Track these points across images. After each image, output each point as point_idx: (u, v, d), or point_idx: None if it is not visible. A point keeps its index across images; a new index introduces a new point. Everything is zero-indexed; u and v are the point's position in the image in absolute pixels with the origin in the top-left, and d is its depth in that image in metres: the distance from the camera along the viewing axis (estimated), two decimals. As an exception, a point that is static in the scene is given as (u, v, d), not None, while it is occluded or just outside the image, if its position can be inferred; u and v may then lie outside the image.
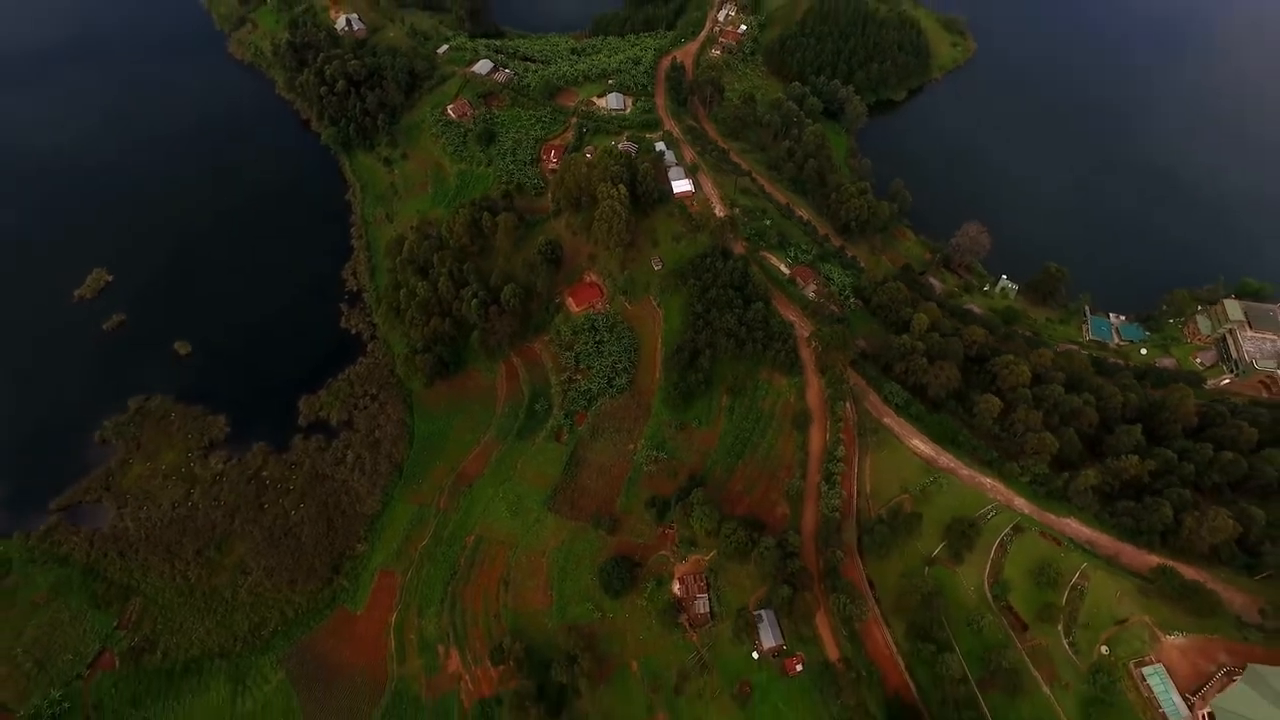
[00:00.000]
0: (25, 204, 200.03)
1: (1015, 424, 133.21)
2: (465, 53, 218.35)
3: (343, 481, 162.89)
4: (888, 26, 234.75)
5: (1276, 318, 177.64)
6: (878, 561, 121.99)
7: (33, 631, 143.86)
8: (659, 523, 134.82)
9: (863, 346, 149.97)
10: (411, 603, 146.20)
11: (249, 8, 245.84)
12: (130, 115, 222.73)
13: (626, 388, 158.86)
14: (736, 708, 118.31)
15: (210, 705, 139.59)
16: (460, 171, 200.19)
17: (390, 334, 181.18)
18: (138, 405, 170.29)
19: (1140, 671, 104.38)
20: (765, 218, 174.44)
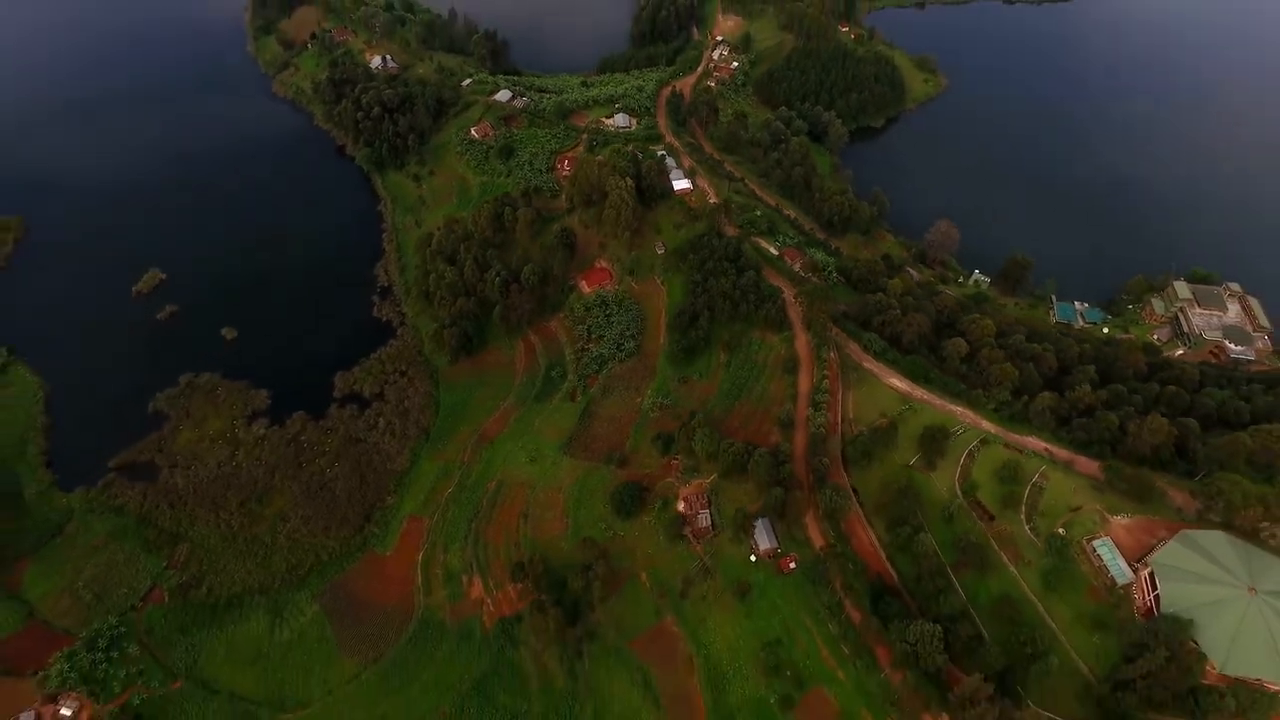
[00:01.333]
0: (94, 216, 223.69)
1: (980, 363, 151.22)
2: (487, 85, 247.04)
3: (374, 444, 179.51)
4: (865, 63, 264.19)
5: (1221, 297, 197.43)
6: (860, 472, 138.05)
7: (91, 570, 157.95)
8: (664, 455, 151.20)
9: (844, 308, 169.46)
10: (437, 541, 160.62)
11: (291, 54, 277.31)
12: (186, 142, 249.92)
13: (634, 352, 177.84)
14: (736, 605, 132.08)
15: (250, 634, 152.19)
16: (482, 182, 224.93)
17: (418, 320, 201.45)
18: (188, 380, 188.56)
19: (1091, 545, 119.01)
20: (756, 210, 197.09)
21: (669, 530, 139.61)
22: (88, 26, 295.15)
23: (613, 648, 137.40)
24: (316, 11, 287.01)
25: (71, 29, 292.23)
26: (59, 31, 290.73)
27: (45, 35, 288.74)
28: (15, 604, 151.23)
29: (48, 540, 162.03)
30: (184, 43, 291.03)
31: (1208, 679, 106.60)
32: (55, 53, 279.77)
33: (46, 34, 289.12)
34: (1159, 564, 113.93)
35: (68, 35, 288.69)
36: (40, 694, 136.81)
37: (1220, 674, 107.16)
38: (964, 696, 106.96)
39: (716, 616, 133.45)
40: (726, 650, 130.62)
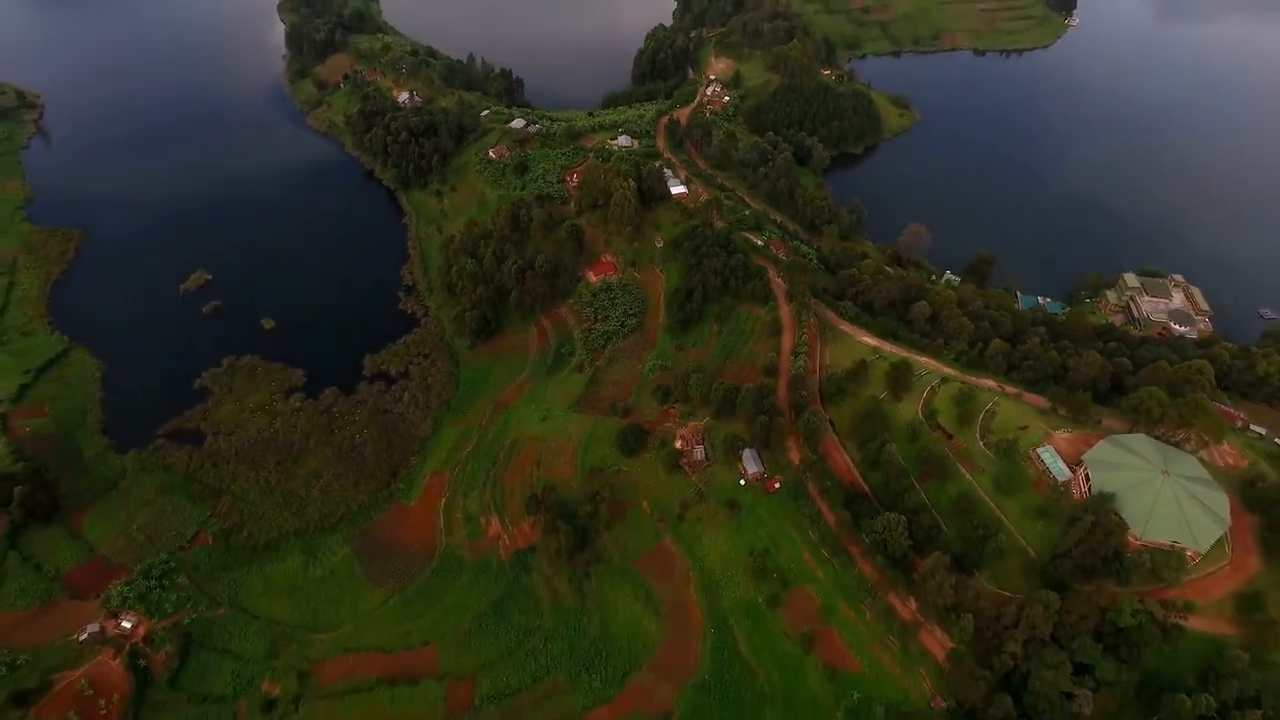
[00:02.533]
0: (147, 228, 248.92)
1: (942, 322, 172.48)
2: (503, 115, 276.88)
3: (400, 414, 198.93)
4: (845, 97, 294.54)
5: (1167, 286, 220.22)
6: (835, 407, 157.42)
7: (143, 517, 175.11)
8: (663, 404, 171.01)
9: (823, 286, 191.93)
10: (458, 490, 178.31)
11: (325, 93, 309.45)
12: (228, 167, 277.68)
13: (636, 329, 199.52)
14: (728, 522, 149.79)
15: (286, 572, 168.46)
16: (499, 195, 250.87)
17: (440, 312, 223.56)
18: (230, 362, 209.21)
19: (1036, 452, 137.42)
20: (744, 210, 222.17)
21: (667, 464, 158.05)
22: (146, 73, 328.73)
23: (617, 568, 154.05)
24: (348, 58, 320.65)
25: (132, 75, 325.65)
26: (122, 78, 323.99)
27: (110, 80, 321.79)
28: (78, 543, 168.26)
29: (104, 493, 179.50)
30: (228, 88, 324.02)
31: (1129, 546, 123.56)
32: (118, 95, 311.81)
33: (111, 80, 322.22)
34: (1091, 459, 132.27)
35: (129, 81, 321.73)
36: (103, 611, 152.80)
37: (1140, 541, 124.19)
38: (926, 573, 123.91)
39: (710, 534, 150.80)
40: (719, 562, 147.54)
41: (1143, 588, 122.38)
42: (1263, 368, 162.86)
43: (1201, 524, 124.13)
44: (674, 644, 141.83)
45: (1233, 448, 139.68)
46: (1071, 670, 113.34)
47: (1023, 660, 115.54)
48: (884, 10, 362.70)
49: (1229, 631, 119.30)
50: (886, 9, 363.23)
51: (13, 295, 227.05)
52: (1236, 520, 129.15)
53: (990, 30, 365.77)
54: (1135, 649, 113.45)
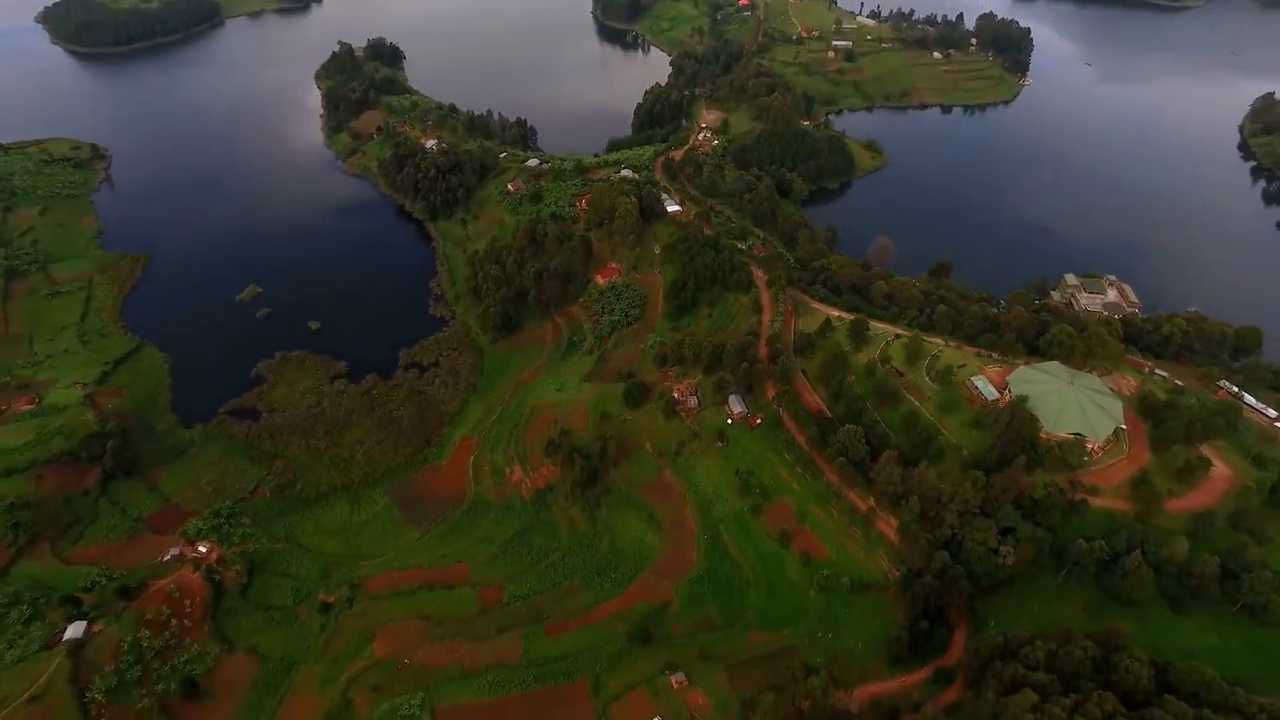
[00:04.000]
0: (206, 252, 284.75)
1: (896, 298, 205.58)
2: (520, 157, 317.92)
3: (432, 394, 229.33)
4: (821, 140, 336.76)
5: (1102, 284, 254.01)
6: (805, 359, 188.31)
7: (210, 475, 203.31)
8: (662, 368, 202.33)
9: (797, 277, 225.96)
10: (484, 448, 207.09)
11: (359, 143, 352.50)
12: (274, 202, 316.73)
13: (638, 318, 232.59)
14: (717, 452, 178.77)
15: (334, 518, 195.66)
16: (517, 220, 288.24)
17: (466, 316, 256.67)
18: (281, 355, 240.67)
19: (970, 381, 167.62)
20: (731, 223, 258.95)
21: (666, 411, 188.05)
22: (198, 130, 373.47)
23: (624, 496, 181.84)
24: (380, 114, 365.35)
25: (186, 132, 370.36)
26: (177, 135, 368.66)
27: (167, 136, 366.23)
28: (155, 493, 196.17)
29: (176, 457, 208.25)
30: (271, 141, 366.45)
31: (1042, 438, 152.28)
32: (175, 148, 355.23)
33: (168, 136, 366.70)
34: (1013, 379, 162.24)
35: (184, 137, 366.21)
36: (182, 540, 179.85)
37: (1050, 433, 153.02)
38: (880, 467, 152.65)
39: (703, 463, 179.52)
40: (711, 484, 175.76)
41: (1056, 475, 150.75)
42: (1167, 329, 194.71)
43: (1099, 420, 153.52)
44: (673, 551, 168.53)
45: (1131, 378, 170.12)
46: (997, 532, 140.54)
47: (958, 528, 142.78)
48: (857, 72, 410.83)
49: (1125, 507, 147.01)
50: (860, 71, 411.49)
51: (90, 305, 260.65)
52: (1132, 426, 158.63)
53: (953, 89, 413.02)
54: (1047, 514, 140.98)
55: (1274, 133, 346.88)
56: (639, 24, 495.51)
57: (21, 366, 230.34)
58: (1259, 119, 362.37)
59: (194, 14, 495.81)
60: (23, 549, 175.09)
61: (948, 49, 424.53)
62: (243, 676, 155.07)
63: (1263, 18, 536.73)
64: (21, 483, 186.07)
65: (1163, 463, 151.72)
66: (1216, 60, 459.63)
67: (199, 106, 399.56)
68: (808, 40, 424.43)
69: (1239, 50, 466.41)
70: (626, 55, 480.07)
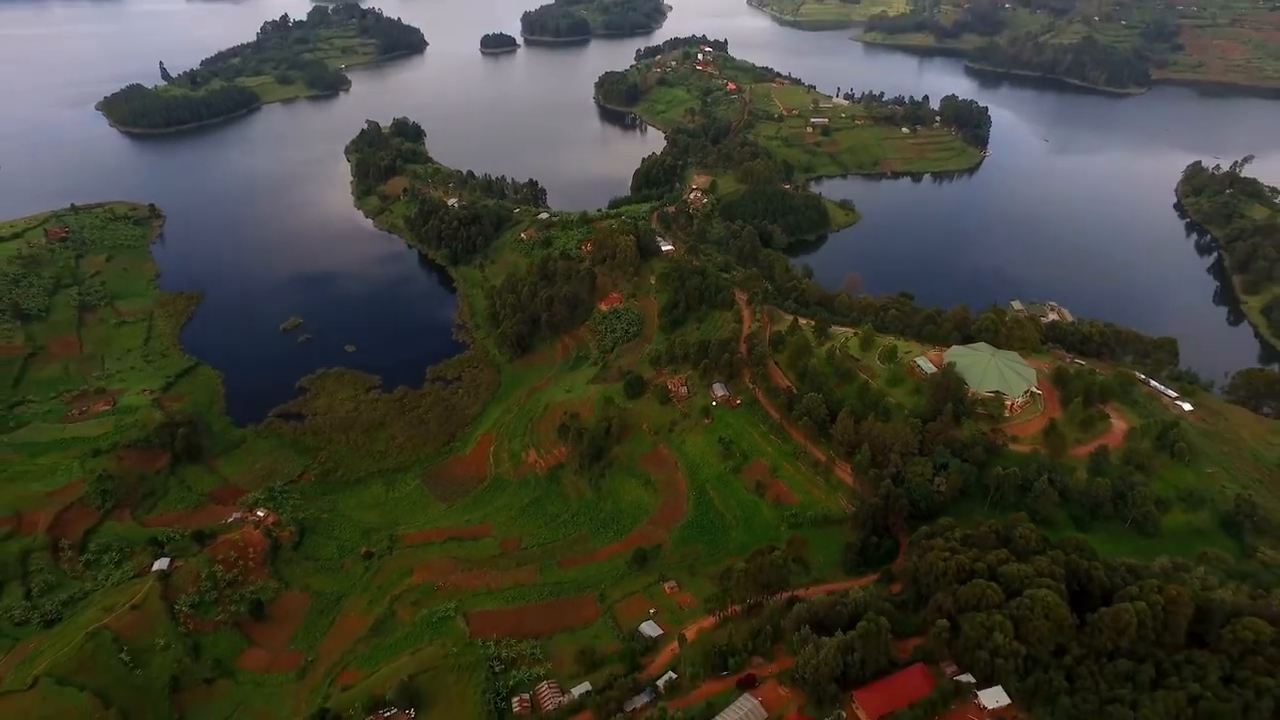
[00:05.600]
0: (252, 292, 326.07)
1: (858, 306, 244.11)
2: (532, 210, 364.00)
3: (455, 401, 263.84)
4: (799, 199, 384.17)
5: (1043, 307, 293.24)
6: (777, 353, 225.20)
7: (262, 462, 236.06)
8: (657, 368, 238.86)
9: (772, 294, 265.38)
10: (503, 439, 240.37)
11: (387, 204, 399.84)
12: (310, 251, 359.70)
13: (637, 334, 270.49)
14: (704, 427, 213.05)
15: (371, 496, 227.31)
16: (529, 263, 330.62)
17: (485, 341, 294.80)
18: (322, 371, 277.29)
19: (914, 361, 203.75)
20: (717, 257, 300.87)
21: (661, 399, 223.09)
22: (240, 194, 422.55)
23: (624, 467, 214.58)
24: (404, 179, 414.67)
25: (230, 196, 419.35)
26: (222, 198, 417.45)
27: (212, 199, 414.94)
28: (216, 475, 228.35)
29: (232, 449, 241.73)
30: (305, 202, 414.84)
31: (968, 395, 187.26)
32: (221, 208, 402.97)
33: (213, 198, 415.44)
34: (947, 355, 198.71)
35: (228, 200, 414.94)
36: (243, 507, 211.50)
37: (974, 391, 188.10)
38: (838, 423, 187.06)
39: (692, 437, 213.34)
40: (698, 452, 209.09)
41: (981, 425, 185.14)
42: (1087, 330, 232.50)
43: (1016, 382, 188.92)
44: (666, 506, 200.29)
45: (1048, 361, 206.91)
46: (932, 467, 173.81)
47: (901, 466, 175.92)
48: (833, 145, 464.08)
49: (1039, 450, 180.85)
50: (835, 144, 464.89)
51: (152, 333, 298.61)
52: (1047, 392, 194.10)
53: (920, 158, 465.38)
54: (973, 451, 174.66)
55: (1202, 194, 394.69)
56: (637, 107, 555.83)
57: (97, 378, 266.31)
58: (1190, 183, 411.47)
59: (234, 100, 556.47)
60: (109, 512, 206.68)
61: (915, 124, 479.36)
62: (299, 606, 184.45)
63: (1196, 103, 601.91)
64: (106, 461, 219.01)
65: (1069, 416, 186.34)
66: (1156, 137, 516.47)
67: (240, 176, 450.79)
68: (788, 118, 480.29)
69: (1172, 128, 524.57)
70: (626, 133, 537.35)
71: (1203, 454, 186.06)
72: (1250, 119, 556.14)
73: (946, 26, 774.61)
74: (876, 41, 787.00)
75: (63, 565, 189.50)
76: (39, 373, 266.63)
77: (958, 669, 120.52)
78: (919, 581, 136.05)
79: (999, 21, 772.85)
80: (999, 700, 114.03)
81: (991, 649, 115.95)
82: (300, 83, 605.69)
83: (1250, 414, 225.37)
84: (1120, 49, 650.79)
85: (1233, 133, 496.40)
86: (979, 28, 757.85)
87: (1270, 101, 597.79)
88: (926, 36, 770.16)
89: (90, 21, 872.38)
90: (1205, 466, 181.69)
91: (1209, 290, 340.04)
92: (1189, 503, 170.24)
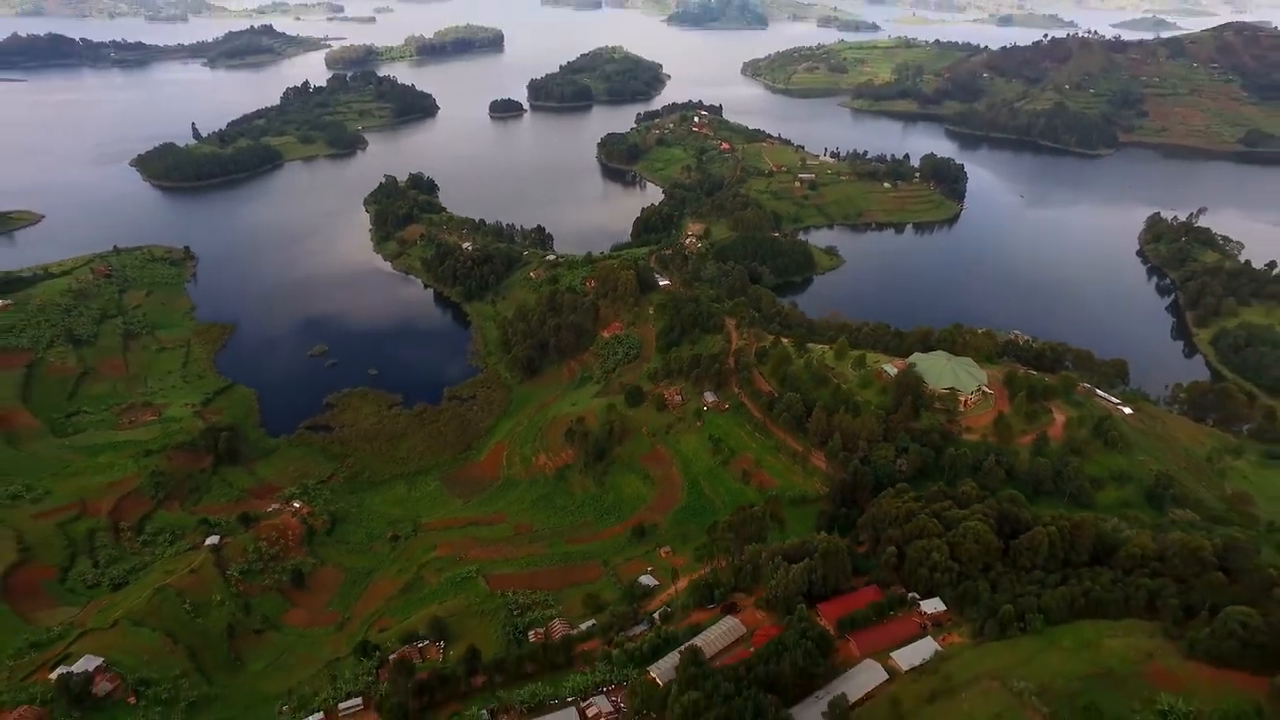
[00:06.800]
0: (282, 323, 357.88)
1: (834, 325, 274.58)
2: (540, 253, 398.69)
3: (471, 416, 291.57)
4: (787, 244, 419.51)
5: (1007, 332, 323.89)
6: (761, 364, 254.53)
7: (294, 465, 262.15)
8: (655, 382, 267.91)
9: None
10: (515, 446, 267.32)
11: (404, 248, 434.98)
12: (335, 291, 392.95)
13: (637, 356, 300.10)
14: (696, 428, 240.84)
15: (394, 495, 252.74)
16: (538, 297, 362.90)
17: (497, 366, 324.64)
18: (348, 389, 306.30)
19: (881, 367, 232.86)
20: (709, 290, 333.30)
21: (658, 406, 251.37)
22: (266, 239, 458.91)
23: (625, 465, 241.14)
24: (421, 226, 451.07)
25: (258, 242, 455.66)
26: (250, 245, 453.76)
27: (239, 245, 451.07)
28: (253, 476, 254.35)
29: (266, 455, 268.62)
30: (328, 247, 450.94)
31: (927, 390, 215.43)
32: (249, 252, 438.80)
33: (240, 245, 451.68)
34: (910, 360, 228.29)
35: (256, 245, 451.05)
36: (280, 500, 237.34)
37: (931, 387, 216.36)
38: (813, 420, 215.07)
39: (686, 437, 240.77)
40: (691, 450, 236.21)
41: (938, 418, 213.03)
42: (1040, 347, 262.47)
43: (969, 380, 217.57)
44: (662, 496, 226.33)
45: (999, 370, 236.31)
46: (895, 451, 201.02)
47: (868, 450, 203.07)
48: (819, 198, 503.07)
49: (990, 438, 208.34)
50: (821, 197, 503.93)
51: (189, 358, 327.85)
52: (998, 391, 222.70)
53: (900, 210, 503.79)
54: (930, 436, 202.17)
55: (1160, 241, 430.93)
56: (637, 165, 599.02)
57: (142, 394, 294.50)
58: (1150, 231, 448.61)
59: (259, 157, 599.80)
60: (161, 502, 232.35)
61: (896, 179, 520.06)
62: (334, 579, 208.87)
63: (1159, 163, 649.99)
64: (156, 460, 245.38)
65: (1015, 409, 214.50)
66: (1123, 193, 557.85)
67: (266, 224, 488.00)
68: (778, 174, 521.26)
69: (1135, 185, 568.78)
70: (627, 189, 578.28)
71: (1135, 445, 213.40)
72: (1207, 178, 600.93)
73: (929, 94, 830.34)
74: (863, 108, 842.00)
75: (123, 543, 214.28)
76: (90, 389, 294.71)
77: (905, 590, 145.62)
78: (876, 528, 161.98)
79: (977, 89, 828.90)
80: (937, 608, 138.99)
81: (930, 566, 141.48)
82: (320, 142, 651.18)
83: (1189, 421, 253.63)
84: (1090, 114, 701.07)
85: (1191, 189, 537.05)
86: (959, 95, 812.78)
87: (1226, 163, 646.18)
88: (910, 103, 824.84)
89: (119, 89, 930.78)
90: (1137, 455, 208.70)
91: (1167, 326, 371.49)
92: (1119, 481, 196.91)
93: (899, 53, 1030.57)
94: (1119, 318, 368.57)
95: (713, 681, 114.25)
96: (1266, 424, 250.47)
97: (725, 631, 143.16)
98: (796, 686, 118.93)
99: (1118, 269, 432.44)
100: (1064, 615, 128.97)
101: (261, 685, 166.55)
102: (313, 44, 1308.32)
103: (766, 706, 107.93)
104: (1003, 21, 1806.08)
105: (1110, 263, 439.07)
